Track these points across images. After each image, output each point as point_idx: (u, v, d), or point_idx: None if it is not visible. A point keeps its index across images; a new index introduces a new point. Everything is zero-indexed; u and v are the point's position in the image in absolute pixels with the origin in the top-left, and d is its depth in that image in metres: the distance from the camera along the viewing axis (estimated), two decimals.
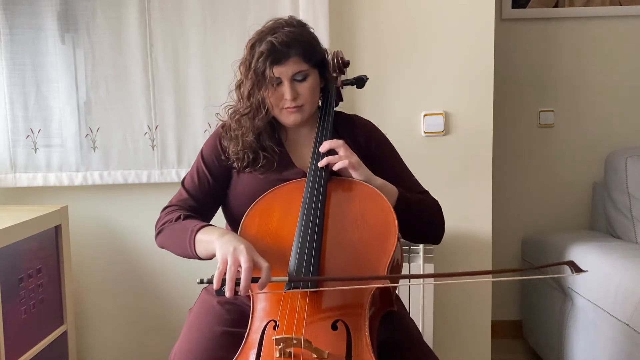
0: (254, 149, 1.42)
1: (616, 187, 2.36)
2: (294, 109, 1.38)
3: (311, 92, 1.39)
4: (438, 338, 2.17)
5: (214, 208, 1.50)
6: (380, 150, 1.49)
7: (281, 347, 1.06)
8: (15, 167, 2.19)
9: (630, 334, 1.78)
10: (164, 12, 2.13)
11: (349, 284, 1.17)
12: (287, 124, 1.43)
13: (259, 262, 1.14)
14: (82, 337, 2.30)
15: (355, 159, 1.32)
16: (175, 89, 2.16)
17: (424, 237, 1.51)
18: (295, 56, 1.34)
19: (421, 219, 1.41)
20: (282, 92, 1.37)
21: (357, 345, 1.11)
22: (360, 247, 1.25)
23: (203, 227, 1.29)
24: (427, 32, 2.15)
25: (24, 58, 2.15)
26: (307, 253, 1.19)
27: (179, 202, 1.45)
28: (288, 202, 1.32)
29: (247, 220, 1.31)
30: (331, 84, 1.52)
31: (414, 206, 1.39)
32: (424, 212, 1.42)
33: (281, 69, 1.34)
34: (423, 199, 1.45)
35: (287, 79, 1.35)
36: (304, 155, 1.46)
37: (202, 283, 1.16)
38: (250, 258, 1.13)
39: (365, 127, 1.53)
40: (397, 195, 1.35)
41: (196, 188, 1.46)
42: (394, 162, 1.50)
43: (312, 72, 1.38)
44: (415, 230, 1.43)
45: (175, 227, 1.36)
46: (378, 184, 1.33)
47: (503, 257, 2.69)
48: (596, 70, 2.65)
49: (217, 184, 1.46)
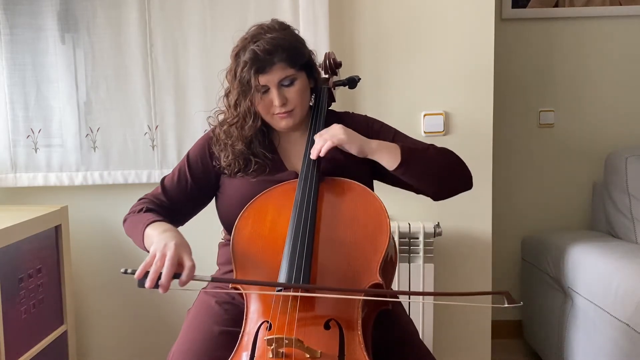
0: (245, 157, 1.42)
1: (616, 187, 2.36)
2: (284, 115, 1.38)
3: (300, 96, 1.38)
4: (438, 338, 2.17)
5: (187, 209, 1.49)
6: (381, 136, 1.46)
7: (273, 347, 1.06)
8: (16, 167, 2.19)
9: (630, 334, 1.78)
10: (164, 12, 2.13)
11: (330, 292, 1.17)
12: (280, 128, 1.42)
13: (184, 259, 1.15)
14: (82, 337, 2.31)
15: (335, 135, 1.30)
16: (175, 89, 2.16)
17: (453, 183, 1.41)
18: (280, 62, 1.33)
19: (437, 162, 1.37)
20: (271, 99, 1.36)
21: (350, 344, 1.11)
22: (352, 247, 1.25)
23: (154, 222, 1.30)
24: (427, 32, 2.15)
25: (24, 58, 2.15)
26: (299, 254, 1.19)
27: (152, 196, 1.45)
28: (281, 203, 1.33)
29: (241, 223, 1.32)
30: (321, 85, 1.51)
31: (421, 153, 1.35)
32: (438, 156, 1.38)
33: (267, 77, 1.34)
34: (430, 146, 1.40)
35: (274, 86, 1.35)
36: (296, 157, 1.46)
37: (125, 273, 1.16)
38: (175, 255, 1.14)
39: (359, 121, 1.50)
40: (398, 149, 1.32)
41: (173, 186, 1.46)
42: (396, 139, 1.46)
43: (299, 75, 1.37)
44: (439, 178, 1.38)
45: (134, 218, 1.37)
46: (374, 146, 1.31)
47: (503, 257, 2.69)
48: (596, 70, 2.65)
49: (197, 187, 1.46)
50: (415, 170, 1.29)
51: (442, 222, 2.14)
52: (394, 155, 1.31)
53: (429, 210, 2.15)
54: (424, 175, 1.32)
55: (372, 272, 1.20)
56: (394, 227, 2.05)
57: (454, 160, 1.40)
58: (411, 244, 2.07)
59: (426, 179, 1.35)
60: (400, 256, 2.07)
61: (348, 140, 1.30)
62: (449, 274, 2.22)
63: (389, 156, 1.31)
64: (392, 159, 1.31)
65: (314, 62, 1.46)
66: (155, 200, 1.44)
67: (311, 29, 2.04)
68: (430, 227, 2.07)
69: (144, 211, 1.38)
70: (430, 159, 1.36)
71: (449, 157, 1.40)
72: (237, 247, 1.28)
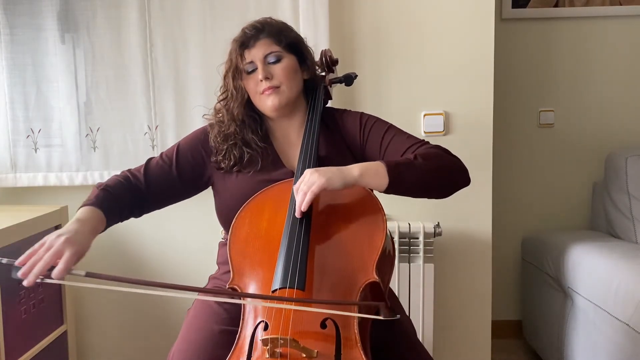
0: (238, 146, 1.42)
1: (616, 187, 2.36)
2: (269, 90, 1.38)
3: (286, 74, 1.39)
4: (438, 338, 2.17)
5: (161, 198, 1.45)
6: (372, 132, 1.44)
7: (269, 347, 1.06)
8: (16, 167, 2.19)
9: (630, 334, 1.78)
10: (164, 12, 2.13)
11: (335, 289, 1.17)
12: (267, 109, 1.42)
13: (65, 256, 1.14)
14: (82, 337, 2.30)
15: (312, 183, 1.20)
16: (175, 89, 2.16)
17: (448, 185, 1.34)
18: (265, 38, 1.39)
19: (426, 170, 1.28)
20: (257, 76, 1.39)
21: (347, 343, 1.11)
22: (348, 244, 1.24)
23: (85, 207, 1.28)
24: (427, 31, 2.15)
25: (24, 58, 2.15)
26: (294, 254, 1.19)
27: (133, 174, 1.42)
28: (277, 202, 1.32)
29: (238, 222, 1.32)
30: (318, 79, 1.51)
31: (408, 166, 1.27)
32: (426, 163, 1.29)
33: (252, 51, 1.39)
34: (420, 154, 1.31)
35: (260, 61, 1.39)
36: (293, 155, 1.45)
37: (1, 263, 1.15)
38: (59, 250, 1.14)
39: (353, 119, 1.48)
40: (384, 168, 1.24)
41: (156, 172, 1.43)
42: (389, 136, 1.43)
43: (285, 55, 1.41)
44: (431, 185, 1.31)
45: (92, 192, 1.35)
46: (356, 173, 1.23)
47: (503, 257, 2.69)
48: (596, 70, 2.65)
49: (180, 179, 1.44)
50: (405, 186, 1.25)
51: (442, 222, 2.14)
52: (381, 177, 1.23)
53: (429, 210, 2.15)
54: (416, 187, 1.28)
55: (369, 270, 1.19)
56: (394, 227, 2.05)
57: (445, 163, 1.33)
58: (411, 244, 2.07)
59: (419, 189, 1.30)
60: (400, 256, 2.07)
61: (327, 181, 1.20)
62: (449, 274, 2.22)
63: (376, 179, 1.24)
64: (379, 182, 1.24)
65: (305, 46, 1.47)
66: (132, 179, 1.40)
67: (311, 29, 2.04)
68: (430, 227, 2.07)
69: (101, 189, 1.34)
70: (419, 169, 1.27)
71: (438, 160, 1.32)
72: (234, 247, 1.27)
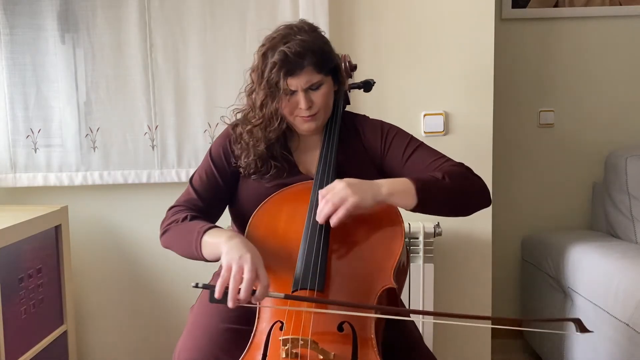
0: (264, 159, 1.40)
1: (616, 187, 2.36)
2: (308, 118, 1.37)
3: (325, 99, 1.37)
4: (438, 338, 2.17)
5: (220, 209, 1.48)
6: (394, 144, 1.44)
7: (288, 347, 1.06)
8: (16, 167, 2.19)
9: (630, 334, 1.78)
10: (164, 12, 2.13)
11: (353, 292, 1.17)
12: (302, 131, 1.41)
13: (260, 275, 1.12)
14: (82, 337, 2.30)
15: (344, 198, 1.18)
16: (175, 89, 2.16)
17: (471, 206, 1.34)
18: (309, 66, 1.31)
19: (453, 190, 1.28)
20: (297, 101, 1.34)
21: (363, 346, 1.11)
22: (367, 250, 1.25)
23: (210, 229, 1.27)
24: (427, 32, 2.15)
25: (24, 58, 2.15)
26: (314, 256, 1.19)
27: (186, 202, 1.42)
28: (295, 203, 1.32)
29: (255, 221, 1.31)
30: (342, 88, 1.50)
31: (437, 185, 1.27)
32: (454, 183, 1.28)
33: (295, 80, 1.32)
34: (447, 173, 1.30)
35: (301, 90, 1.33)
36: (310, 160, 1.45)
37: (197, 287, 1.13)
38: (254, 269, 1.12)
39: (374, 128, 1.48)
40: (413, 187, 1.23)
41: (205, 188, 1.43)
42: (411, 149, 1.42)
43: (325, 80, 1.36)
44: (456, 205, 1.32)
45: (181, 227, 1.34)
46: (384, 192, 1.22)
47: (503, 257, 2.69)
48: (596, 70, 2.65)
49: (226, 185, 1.45)
50: (432, 206, 1.25)
51: (442, 222, 2.14)
52: (410, 196, 1.22)
53: None
54: (441, 207, 1.29)
55: (387, 276, 1.20)
56: None
57: (470, 183, 1.33)
58: (411, 244, 2.07)
59: (444, 210, 1.31)
60: None
61: (361, 201, 1.18)
62: (449, 274, 2.22)
63: (404, 199, 1.23)
64: (408, 202, 1.23)
65: (340, 66, 1.45)
66: (192, 207, 1.40)
67: None
68: (430, 227, 2.07)
69: (189, 219, 1.34)
70: (446, 189, 1.27)
71: (464, 180, 1.32)
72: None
